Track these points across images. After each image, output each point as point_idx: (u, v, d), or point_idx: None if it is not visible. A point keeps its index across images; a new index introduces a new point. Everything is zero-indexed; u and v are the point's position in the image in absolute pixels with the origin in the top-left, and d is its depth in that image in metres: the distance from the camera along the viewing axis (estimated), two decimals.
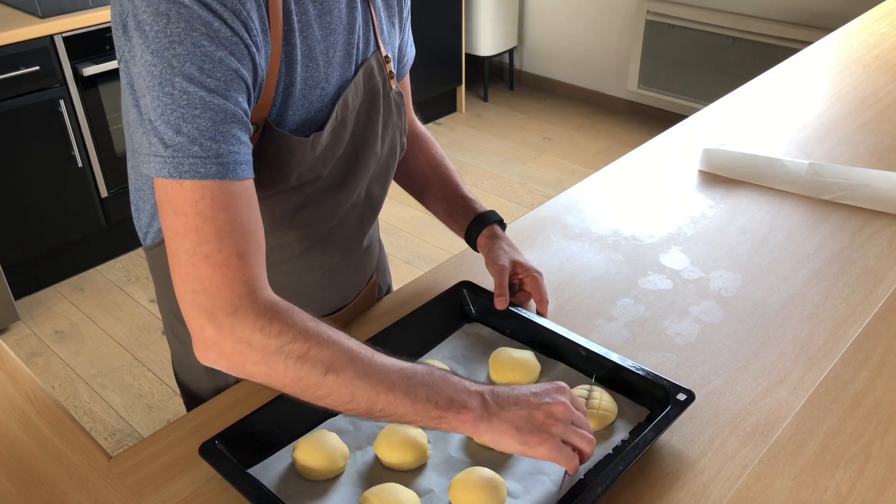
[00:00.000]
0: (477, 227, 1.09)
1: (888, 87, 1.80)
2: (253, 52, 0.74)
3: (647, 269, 1.19)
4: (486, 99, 4.26)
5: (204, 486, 0.84)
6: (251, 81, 0.75)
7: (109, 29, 2.48)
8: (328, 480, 0.83)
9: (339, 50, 0.86)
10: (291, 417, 0.86)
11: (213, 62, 0.69)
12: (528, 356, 0.96)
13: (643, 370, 0.90)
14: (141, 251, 2.98)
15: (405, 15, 1.01)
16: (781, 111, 1.70)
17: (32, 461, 0.88)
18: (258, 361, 0.71)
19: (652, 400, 0.89)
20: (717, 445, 0.87)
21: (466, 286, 1.07)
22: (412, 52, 1.07)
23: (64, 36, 2.44)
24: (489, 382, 0.96)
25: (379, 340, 0.95)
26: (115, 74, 2.57)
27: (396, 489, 0.79)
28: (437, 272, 1.19)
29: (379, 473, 0.84)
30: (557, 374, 0.96)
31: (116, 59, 0.75)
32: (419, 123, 1.18)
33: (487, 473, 0.80)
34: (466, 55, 4.00)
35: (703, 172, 1.46)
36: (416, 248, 3.00)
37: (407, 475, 0.83)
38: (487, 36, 4.00)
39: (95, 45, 2.53)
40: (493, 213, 1.10)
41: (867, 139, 1.56)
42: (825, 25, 3.12)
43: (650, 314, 1.09)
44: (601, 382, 0.93)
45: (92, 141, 2.63)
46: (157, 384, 2.36)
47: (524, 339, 1.01)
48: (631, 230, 1.29)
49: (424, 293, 1.12)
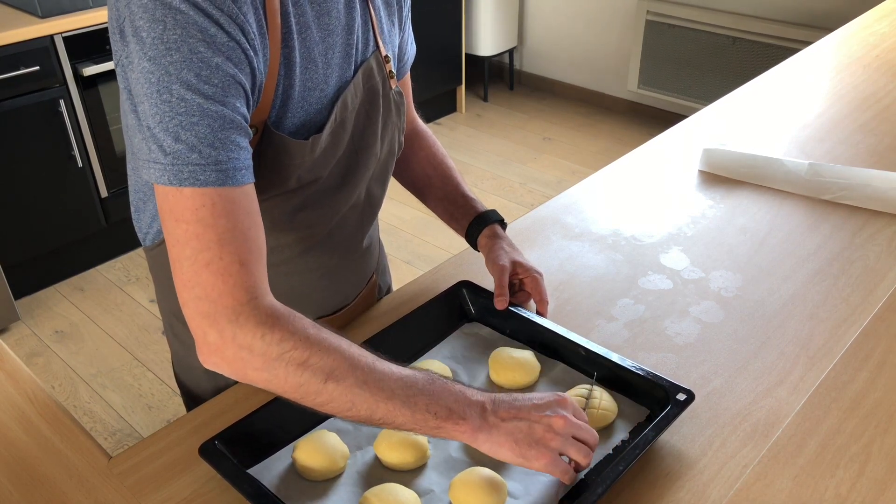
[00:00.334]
0: (477, 226, 1.09)
1: (888, 87, 1.80)
2: (251, 56, 0.74)
3: (647, 269, 1.19)
4: (486, 99, 4.26)
5: (204, 486, 0.84)
6: (249, 86, 0.74)
7: None
8: (328, 480, 0.83)
9: (337, 51, 0.86)
10: (291, 417, 0.86)
11: (210, 68, 0.69)
12: (528, 356, 0.96)
13: (643, 370, 0.90)
14: (141, 251, 2.98)
15: (405, 13, 1.01)
16: (781, 111, 1.70)
17: (32, 461, 0.88)
18: (259, 368, 0.72)
19: (652, 400, 0.89)
20: (717, 445, 0.87)
21: (466, 286, 1.07)
22: (413, 50, 1.07)
23: (64, 36, 2.44)
24: (489, 382, 0.96)
25: (379, 341, 0.95)
26: (114, 75, 2.56)
27: (396, 489, 0.79)
28: (436, 272, 1.19)
29: (379, 473, 0.84)
30: (557, 374, 0.96)
31: (114, 63, 0.75)
32: (420, 122, 1.17)
33: (487, 473, 0.80)
34: (466, 55, 4.00)
35: (703, 172, 1.46)
36: (416, 248, 2.99)
37: (407, 475, 0.83)
38: (487, 36, 4.00)
39: (95, 45, 2.53)
40: (493, 212, 1.10)
41: (867, 139, 1.56)
42: (825, 25, 3.12)
43: (650, 314, 1.09)
44: (601, 382, 0.93)
45: (92, 141, 2.63)
46: (157, 384, 2.36)
47: (524, 339, 1.01)
48: (631, 230, 1.29)
49: (424, 293, 1.12)
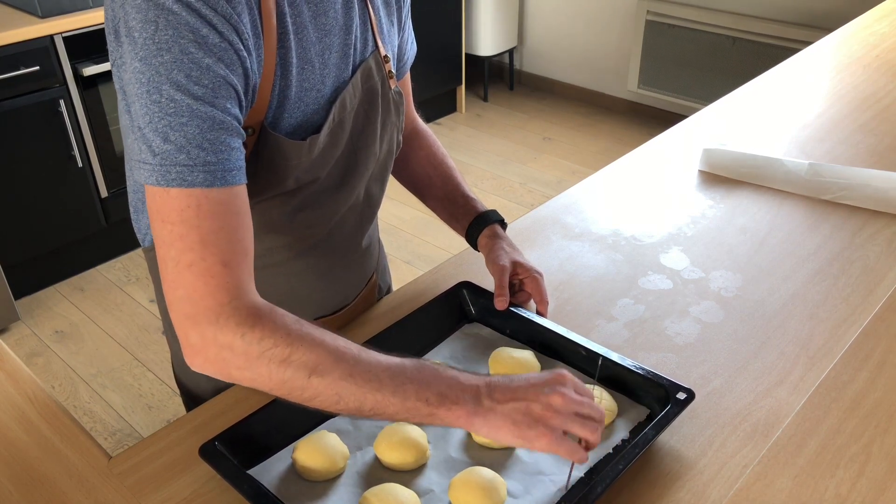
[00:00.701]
0: (478, 226, 1.08)
1: (888, 87, 1.80)
2: (244, 56, 0.73)
3: (647, 269, 1.19)
4: (486, 99, 4.26)
5: (204, 486, 0.84)
6: (242, 87, 0.74)
7: None
8: (328, 481, 0.83)
9: (335, 51, 0.86)
10: (291, 418, 0.86)
11: (200, 69, 0.69)
12: (528, 356, 0.96)
13: (643, 369, 0.90)
14: (141, 251, 2.98)
15: (405, 13, 1.01)
16: (781, 111, 1.70)
17: (32, 461, 0.88)
18: (242, 367, 0.72)
19: (652, 399, 0.89)
20: (717, 445, 0.87)
21: (466, 286, 1.07)
22: (413, 50, 1.07)
23: (64, 36, 2.44)
24: None
25: (379, 341, 0.95)
26: None
27: (396, 489, 0.79)
28: (436, 272, 1.19)
29: (379, 474, 0.84)
30: None
31: (109, 63, 0.75)
32: (421, 121, 1.17)
33: (487, 473, 0.80)
34: (466, 55, 4.00)
35: (703, 172, 1.46)
36: (416, 248, 2.99)
37: (407, 475, 0.83)
38: (487, 36, 4.00)
39: (95, 45, 2.53)
40: (494, 212, 1.10)
41: (867, 139, 1.56)
42: (825, 25, 3.12)
43: (650, 314, 1.09)
44: (601, 382, 0.93)
45: (92, 141, 2.63)
46: (157, 384, 2.36)
47: (524, 339, 1.01)
48: (631, 230, 1.29)
49: (424, 293, 1.12)
